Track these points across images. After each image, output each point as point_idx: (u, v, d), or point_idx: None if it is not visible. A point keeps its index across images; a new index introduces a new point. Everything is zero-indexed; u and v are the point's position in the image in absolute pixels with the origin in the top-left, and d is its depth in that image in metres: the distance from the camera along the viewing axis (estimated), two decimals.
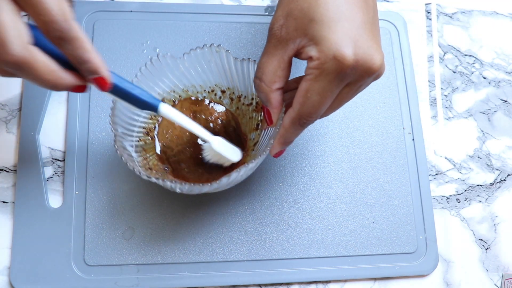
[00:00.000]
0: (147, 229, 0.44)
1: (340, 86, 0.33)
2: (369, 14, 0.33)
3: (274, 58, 0.34)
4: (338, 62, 0.31)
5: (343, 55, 0.31)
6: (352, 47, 0.31)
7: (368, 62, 0.32)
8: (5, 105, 0.46)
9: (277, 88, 0.35)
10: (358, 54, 0.31)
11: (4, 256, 0.42)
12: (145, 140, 0.43)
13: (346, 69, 0.31)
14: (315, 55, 0.32)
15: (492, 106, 0.54)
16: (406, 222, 0.47)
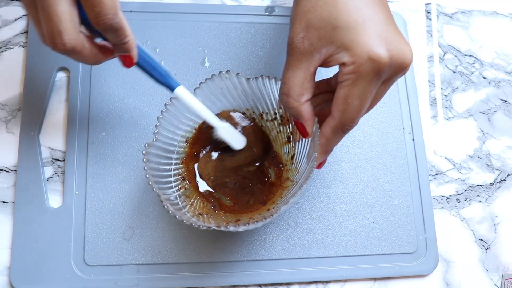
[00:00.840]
0: (147, 229, 0.44)
1: (378, 85, 0.33)
2: (387, 11, 0.34)
3: (299, 71, 0.34)
4: (374, 62, 0.31)
5: (378, 55, 0.31)
6: (384, 45, 0.32)
7: (401, 56, 0.32)
8: (5, 105, 0.46)
9: (306, 100, 0.35)
10: (391, 50, 0.32)
11: (4, 256, 0.42)
12: (184, 186, 0.42)
13: (384, 68, 0.32)
14: (349, 60, 0.32)
15: (492, 106, 0.54)
16: (406, 222, 0.47)
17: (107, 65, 0.48)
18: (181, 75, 0.48)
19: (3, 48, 0.48)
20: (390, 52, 0.32)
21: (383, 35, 0.32)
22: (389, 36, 0.32)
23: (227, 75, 0.41)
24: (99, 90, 0.47)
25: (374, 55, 0.31)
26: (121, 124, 0.46)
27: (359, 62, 0.32)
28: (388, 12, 0.34)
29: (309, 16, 0.33)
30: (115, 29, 0.32)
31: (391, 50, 0.32)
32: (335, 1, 0.32)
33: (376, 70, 0.32)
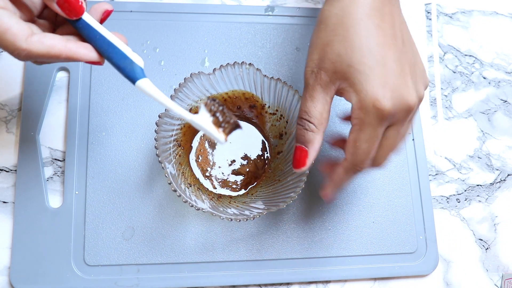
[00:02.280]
0: (147, 229, 0.44)
1: (383, 128, 0.35)
2: (397, 47, 0.35)
3: (318, 102, 0.36)
4: (378, 111, 0.33)
5: (381, 104, 0.33)
6: (388, 92, 0.33)
7: (404, 103, 0.34)
8: (5, 105, 0.46)
9: (323, 131, 0.37)
10: (394, 97, 0.33)
11: (4, 256, 0.42)
12: (179, 153, 0.43)
13: (387, 116, 0.33)
14: (356, 104, 0.34)
15: (492, 106, 0.54)
16: (406, 222, 0.47)
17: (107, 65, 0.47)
18: (181, 75, 0.48)
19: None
20: (393, 100, 0.33)
21: (389, 81, 0.33)
22: (394, 82, 0.34)
23: (247, 66, 0.42)
24: (99, 90, 0.47)
25: (378, 105, 0.33)
26: (121, 124, 0.46)
27: (365, 109, 0.33)
28: (399, 49, 0.35)
29: (327, 49, 0.35)
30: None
31: (394, 98, 0.33)
32: (353, 40, 0.34)
33: (380, 117, 0.33)
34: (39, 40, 0.31)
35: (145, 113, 0.47)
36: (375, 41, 0.34)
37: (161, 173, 0.45)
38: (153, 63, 0.48)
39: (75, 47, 0.32)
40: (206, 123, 0.34)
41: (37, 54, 0.31)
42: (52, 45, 0.31)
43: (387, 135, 0.36)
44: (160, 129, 0.40)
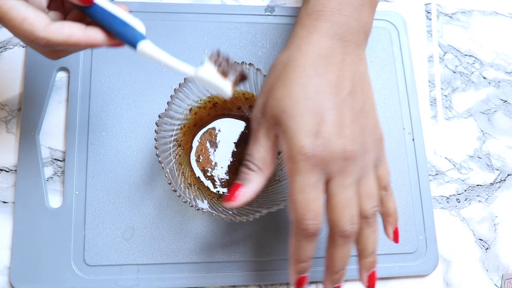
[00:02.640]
0: (147, 229, 0.44)
1: (317, 178, 0.32)
2: (339, 97, 0.33)
3: (261, 146, 0.35)
4: (305, 158, 0.31)
5: (307, 150, 0.31)
6: (319, 140, 0.32)
7: (337, 151, 0.32)
8: (5, 105, 0.46)
9: (266, 174, 0.35)
10: (326, 145, 0.32)
11: (4, 256, 0.42)
12: (179, 153, 0.43)
13: (317, 163, 0.32)
14: (286, 153, 0.33)
15: (492, 106, 0.54)
16: (406, 222, 0.47)
17: (107, 65, 0.48)
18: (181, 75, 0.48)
19: (3, 48, 0.48)
20: (325, 148, 0.32)
21: (323, 129, 0.32)
22: (329, 131, 0.32)
23: (247, 66, 0.42)
24: (99, 90, 0.47)
25: (304, 151, 0.31)
26: (121, 124, 0.46)
27: (293, 158, 0.32)
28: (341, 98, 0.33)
29: (270, 94, 0.34)
30: None
31: (326, 146, 0.32)
32: (291, 86, 0.33)
33: (309, 164, 0.31)
34: (58, 28, 0.30)
35: (145, 113, 0.47)
36: (314, 89, 0.33)
37: (161, 173, 0.45)
38: (153, 63, 0.48)
39: (94, 33, 0.31)
40: (212, 75, 0.33)
41: (56, 43, 0.30)
42: (71, 33, 0.31)
43: (332, 191, 0.33)
44: (160, 129, 0.40)
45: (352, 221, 0.33)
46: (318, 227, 0.32)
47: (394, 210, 0.37)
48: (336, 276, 0.35)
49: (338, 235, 0.33)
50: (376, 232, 0.35)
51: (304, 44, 0.35)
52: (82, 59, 0.47)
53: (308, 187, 0.32)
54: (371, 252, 0.35)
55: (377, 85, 0.51)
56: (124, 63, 0.48)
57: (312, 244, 0.33)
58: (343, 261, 0.34)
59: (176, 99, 0.41)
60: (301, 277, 0.35)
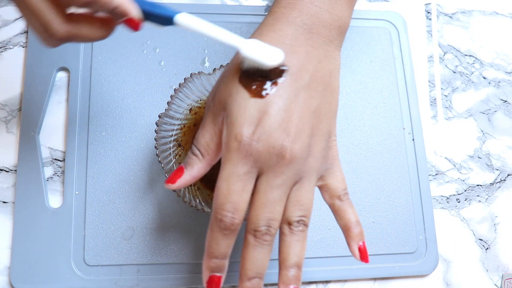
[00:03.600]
0: (147, 229, 0.44)
1: (248, 170, 0.30)
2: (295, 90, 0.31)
3: (207, 132, 0.33)
4: (239, 145, 0.29)
5: (244, 139, 0.29)
6: (259, 130, 0.29)
7: (274, 147, 0.29)
8: (5, 105, 0.46)
9: (209, 161, 0.33)
10: (264, 138, 0.29)
11: (4, 256, 0.42)
12: (179, 153, 0.42)
13: (250, 154, 0.29)
14: (224, 139, 0.31)
15: (492, 106, 0.54)
16: (406, 222, 0.47)
17: (107, 65, 0.48)
18: (181, 75, 0.48)
19: (3, 48, 0.48)
20: (262, 141, 0.29)
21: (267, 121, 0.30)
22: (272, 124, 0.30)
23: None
24: (99, 90, 0.47)
25: (240, 138, 0.29)
26: (121, 124, 0.46)
27: (229, 144, 0.30)
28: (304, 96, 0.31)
29: (222, 78, 0.33)
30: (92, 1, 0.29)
31: (264, 139, 0.29)
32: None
33: (242, 154, 0.29)
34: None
35: (145, 113, 0.47)
36: None
37: (161, 173, 0.45)
38: (153, 63, 0.48)
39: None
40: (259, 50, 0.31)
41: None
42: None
43: (257, 188, 0.30)
44: (160, 129, 0.40)
45: (268, 223, 0.30)
46: (235, 222, 0.30)
47: (355, 223, 0.33)
48: (248, 284, 0.31)
49: (250, 234, 0.30)
50: (302, 243, 0.31)
51: (268, 31, 0.33)
52: (82, 59, 0.47)
53: (234, 177, 0.30)
54: (293, 265, 0.31)
55: (377, 85, 0.51)
56: (124, 63, 0.48)
57: (227, 240, 0.31)
58: (254, 265, 0.31)
59: (176, 99, 0.41)
60: (214, 276, 0.31)
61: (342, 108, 0.50)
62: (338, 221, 0.34)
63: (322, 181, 0.33)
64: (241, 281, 0.31)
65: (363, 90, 0.51)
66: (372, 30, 0.54)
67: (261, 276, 0.31)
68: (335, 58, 0.34)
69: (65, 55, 0.47)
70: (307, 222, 0.32)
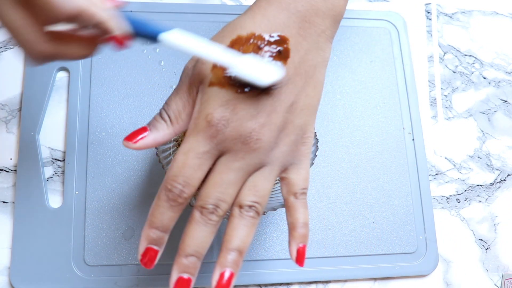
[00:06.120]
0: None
1: (209, 151, 0.30)
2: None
3: (180, 99, 0.32)
4: (206, 124, 0.29)
5: (213, 118, 0.29)
6: (228, 113, 0.29)
7: (240, 131, 0.29)
8: (5, 105, 0.46)
9: (176, 129, 0.32)
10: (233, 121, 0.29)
11: (4, 256, 0.42)
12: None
13: (215, 134, 0.29)
14: (194, 114, 0.30)
15: (492, 106, 0.54)
16: (406, 222, 0.47)
17: (107, 65, 0.48)
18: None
19: (3, 48, 0.48)
20: (231, 123, 0.29)
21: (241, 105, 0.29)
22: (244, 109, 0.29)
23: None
24: (99, 90, 0.47)
25: (209, 118, 0.29)
26: (121, 124, 0.46)
27: (196, 120, 0.30)
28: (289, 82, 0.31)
29: None
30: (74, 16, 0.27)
31: (233, 122, 0.29)
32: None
33: (207, 132, 0.29)
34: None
35: (145, 113, 0.47)
36: None
37: (161, 173, 0.45)
38: (153, 63, 0.48)
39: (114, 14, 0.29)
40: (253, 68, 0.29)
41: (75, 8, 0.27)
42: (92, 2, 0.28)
43: (214, 168, 0.30)
44: None
45: (217, 202, 0.30)
46: (183, 196, 0.29)
47: (302, 224, 0.32)
48: (185, 261, 0.30)
49: (197, 210, 0.30)
50: (249, 229, 0.31)
51: (260, 14, 0.32)
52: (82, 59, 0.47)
53: (193, 153, 0.29)
54: (234, 248, 0.30)
55: (377, 85, 0.51)
56: (124, 63, 0.48)
57: (171, 212, 0.30)
58: (194, 242, 0.30)
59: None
60: (150, 248, 0.30)
61: (342, 108, 0.50)
62: (287, 217, 0.33)
63: (285, 174, 0.32)
64: (178, 256, 0.30)
65: (363, 90, 0.51)
66: (372, 30, 0.54)
67: (199, 255, 0.31)
68: (324, 50, 0.33)
69: None
70: (260, 210, 0.31)
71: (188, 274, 0.30)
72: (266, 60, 0.30)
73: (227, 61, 0.30)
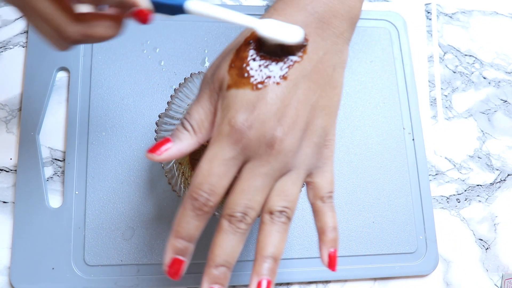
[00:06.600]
0: (147, 229, 0.44)
1: (235, 157, 0.29)
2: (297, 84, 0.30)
3: (202, 108, 0.31)
4: (231, 129, 0.29)
5: (236, 124, 0.29)
6: (252, 118, 0.29)
7: (264, 136, 0.29)
8: (5, 105, 0.46)
9: (200, 138, 0.32)
10: (256, 126, 0.29)
11: (4, 256, 0.42)
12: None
13: (239, 139, 0.29)
14: (217, 121, 0.30)
15: (492, 106, 0.54)
16: (406, 222, 0.47)
17: (107, 65, 0.48)
18: (181, 75, 0.48)
19: (3, 48, 0.48)
20: (254, 128, 0.29)
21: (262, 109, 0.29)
22: (267, 113, 0.29)
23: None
24: (99, 90, 0.47)
25: (233, 123, 0.29)
26: (121, 124, 0.46)
27: (220, 126, 0.29)
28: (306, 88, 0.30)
29: (225, 56, 0.32)
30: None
31: (256, 127, 0.29)
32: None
33: (231, 138, 0.29)
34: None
35: (145, 113, 0.47)
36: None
37: (161, 173, 0.45)
38: (153, 63, 0.48)
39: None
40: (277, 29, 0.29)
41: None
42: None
43: (241, 175, 0.29)
44: (160, 129, 0.40)
45: (245, 210, 0.29)
46: (209, 205, 0.29)
47: (332, 228, 0.32)
48: (215, 272, 0.30)
49: (225, 219, 0.30)
50: (282, 235, 0.30)
51: (278, 15, 0.31)
52: (82, 59, 0.47)
53: (218, 160, 0.29)
54: (269, 256, 0.30)
55: (377, 85, 0.51)
56: (124, 63, 0.48)
57: (197, 221, 0.30)
58: (223, 252, 0.30)
59: (176, 99, 0.41)
60: (176, 258, 0.30)
61: (342, 108, 0.50)
62: (316, 222, 0.32)
63: (310, 178, 0.32)
64: (208, 267, 0.30)
65: (363, 90, 0.51)
66: (372, 30, 0.54)
67: (229, 265, 0.30)
68: (342, 52, 0.33)
69: (65, 55, 0.47)
70: (290, 216, 0.30)
71: (219, 285, 0.30)
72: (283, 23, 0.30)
73: (250, 23, 0.29)
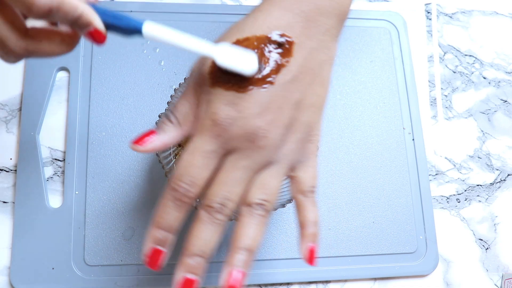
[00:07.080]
0: (147, 229, 0.44)
1: (215, 150, 0.29)
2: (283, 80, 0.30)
3: (188, 102, 0.31)
4: (212, 122, 0.29)
5: (218, 117, 0.29)
6: (233, 112, 0.29)
7: (246, 129, 0.29)
8: (5, 105, 0.46)
9: (184, 131, 0.32)
10: (238, 120, 0.29)
11: (4, 256, 0.42)
12: (179, 152, 0.43)
13: (220, 132, 0.29)
14: (201, 110, 0.30)
15: (492, 106, 0.54)
16: (406, 222, 0.47)
17: (107, 65, 0.48)
18: (181, 75, 0.48)
19: None
20: (236, 122, 0.29)
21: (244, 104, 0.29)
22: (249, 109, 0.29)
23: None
24: (99, 90, 0.47)
25: (214, 116, 0.29)
26: (121, 124, 0.46)
27: (202, 120, 0.29)
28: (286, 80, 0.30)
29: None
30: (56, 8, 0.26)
31: (238, 120, 0.29)
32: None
33: (213, 131, 0.29)
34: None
35: (145, 113, 0.47)
36: None
37: (161, 173, 0.45)
38: (153, 63, 0.48)
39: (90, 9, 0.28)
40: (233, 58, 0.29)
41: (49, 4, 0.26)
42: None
43: (221, 166, 0.30)
44: None
45: (223, 201, 0.29)
46: (189, 195, 0.29)
47: (312, 222, 0.32)
48: (190, 261, 0.30)
49: (203, 209, 0.30)
50: (259, 228, 0.30)
51: (262, 16, 0.31)
52: (82, 59, 0.47)
53: (199, 152, 0.29)
54: (244, 248, 0.30)
55: (377, 85, 0.51)
56: (124, 63, 0.48)
57: (177, 212, 0.30)
58: (199, 242, 0.30)
59: (176, 99, 0.41)
60: (156, 248, 0.30)
61: (342, 108, 0.50)
62: (297, 216, 0.32)
63: (293, 173, 0.32)
64: (183, 256, 0.30)
65: (363, 90, 0.51)
66: (372, 30, 0.54)
67: (204, 255, 0.30)
68: (330, 48, 0.32)
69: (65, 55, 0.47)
70: (269, 208, 0.30)
71: (193, 274, 0.30)
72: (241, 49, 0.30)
73: (207, 50, 0.29)
